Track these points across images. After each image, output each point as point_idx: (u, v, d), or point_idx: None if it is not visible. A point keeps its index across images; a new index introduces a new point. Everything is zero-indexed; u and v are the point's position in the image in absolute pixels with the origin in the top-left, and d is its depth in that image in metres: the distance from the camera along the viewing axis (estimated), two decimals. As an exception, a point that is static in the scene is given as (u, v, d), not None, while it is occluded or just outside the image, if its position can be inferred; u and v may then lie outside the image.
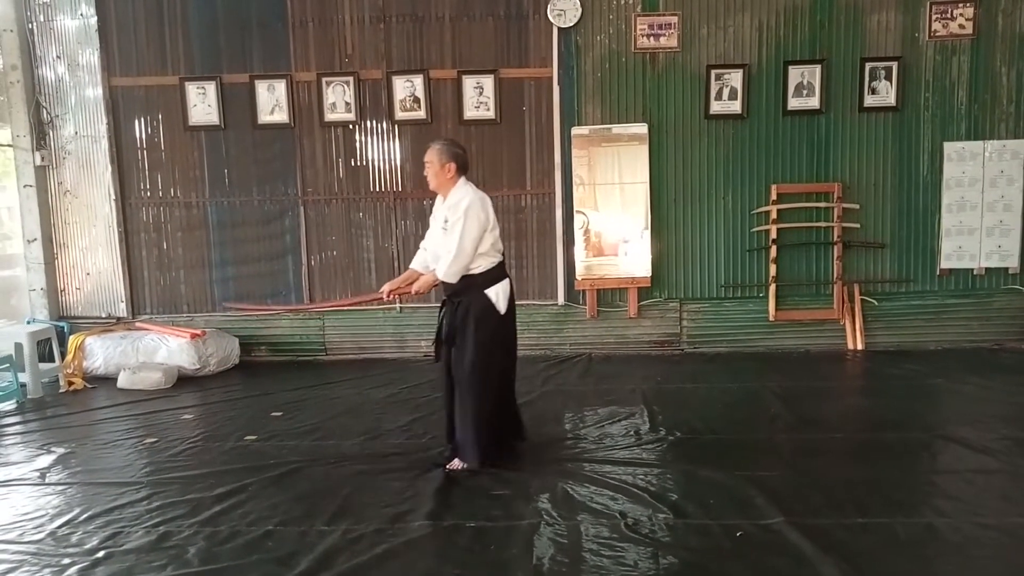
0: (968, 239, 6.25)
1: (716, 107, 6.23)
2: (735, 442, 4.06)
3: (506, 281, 3.81)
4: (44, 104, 6.42)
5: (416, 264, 4.08)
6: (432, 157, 3.80)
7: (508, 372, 3.93)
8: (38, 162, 6.38)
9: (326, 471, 3.78)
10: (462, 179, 3.81)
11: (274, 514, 3.25)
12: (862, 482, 3.45)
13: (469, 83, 6.30)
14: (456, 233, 3.65)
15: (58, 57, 6.39)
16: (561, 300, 6.45)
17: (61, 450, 4.26)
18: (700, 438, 4.10)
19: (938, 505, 3.19)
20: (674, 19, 6.16)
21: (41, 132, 6.42)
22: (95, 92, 6.37)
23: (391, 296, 4.04)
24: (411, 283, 4.01)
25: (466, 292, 3.73)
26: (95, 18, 6.29)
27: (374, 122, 6.40)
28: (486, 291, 3.73)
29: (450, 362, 3.80)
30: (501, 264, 3.82)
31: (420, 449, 4.07)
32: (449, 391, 3.86)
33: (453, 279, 3.72)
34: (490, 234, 3.73)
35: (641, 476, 3.57)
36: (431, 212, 4.03)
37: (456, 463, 3.76)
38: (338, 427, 4.53)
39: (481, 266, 3.73)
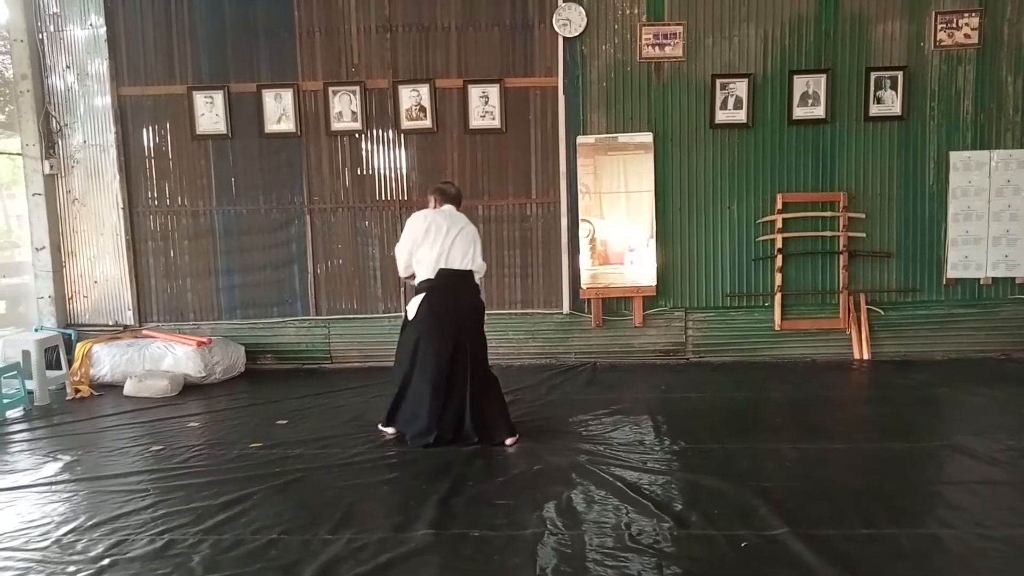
0: (974, 248, 6.23)
1: (721, 116, 6.25)
2: (740, 451, 4.05)
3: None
4: (53, 113, 6.47)
5: None
6: None
7: None
8: (47, 171, 6.43)
9: (330, 479, 3.79)
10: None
11: (278, 522, 3.26)
12: (867, 492, 3.44)
13: (475, 92, 6.32)
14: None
15: (67, 66, 6.44)
16: (566, 309, 6.45)
17: (67, 457, 4.27)
18: (705, 447, 4.09)
19: (943, 516, 3.17)
20: (679, 29, 6.19)
21: (50, 141, 6.48)
22: (104, 101, 6.43)
23: None
24: None
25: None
26: (104, 28, 6.35)
27: (380, 131, 6.43)
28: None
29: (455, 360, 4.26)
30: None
31: (424, 457, 4.07)
32: (452, 387, 4.26)
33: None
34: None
35: (645, 485, 3.57)
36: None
37: (511, 440, 4.24)
38: (343, 435, 4.54)
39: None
